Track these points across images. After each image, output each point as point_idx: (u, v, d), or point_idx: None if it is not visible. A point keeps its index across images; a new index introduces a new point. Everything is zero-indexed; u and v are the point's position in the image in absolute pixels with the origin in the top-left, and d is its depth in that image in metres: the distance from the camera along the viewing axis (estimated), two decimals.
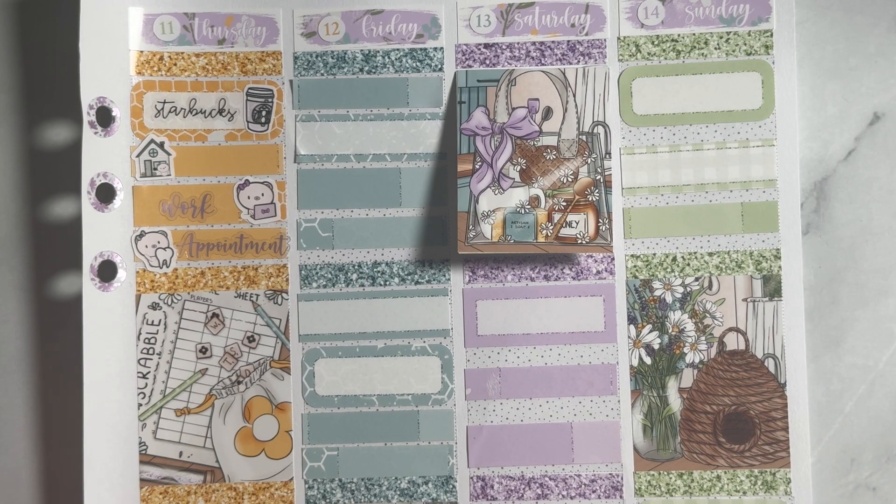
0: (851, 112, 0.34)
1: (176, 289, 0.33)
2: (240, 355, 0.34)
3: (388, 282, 0.34)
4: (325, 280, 0.34)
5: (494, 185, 0.33)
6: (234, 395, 0.33)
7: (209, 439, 0.33)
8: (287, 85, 0.34)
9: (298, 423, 0.34)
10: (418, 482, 0.34)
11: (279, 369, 0.34)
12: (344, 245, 0.34)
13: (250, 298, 0.34)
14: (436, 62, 0.34)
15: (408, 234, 0.34)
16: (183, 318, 0.33)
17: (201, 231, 0.34)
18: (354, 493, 0.33)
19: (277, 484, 0.33)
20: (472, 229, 0.33)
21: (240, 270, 0.34)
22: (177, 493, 0.33)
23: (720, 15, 0.34)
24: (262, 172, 0.34)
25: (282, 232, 0.34)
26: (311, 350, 0.34)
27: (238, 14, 0.34)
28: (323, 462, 0.33)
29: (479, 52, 0.34)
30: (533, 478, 0.34)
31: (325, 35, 0.34)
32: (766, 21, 0.34)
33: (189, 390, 0.33)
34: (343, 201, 0.34)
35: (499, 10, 0.34)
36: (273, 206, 0.34)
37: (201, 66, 0.33)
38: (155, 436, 0.33)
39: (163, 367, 0.33)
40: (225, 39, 0.34)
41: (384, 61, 0.34)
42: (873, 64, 0.34)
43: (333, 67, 0.34)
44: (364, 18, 0.34)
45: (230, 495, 0.33)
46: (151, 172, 0.33)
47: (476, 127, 0.34)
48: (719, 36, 0.34)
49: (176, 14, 0.33)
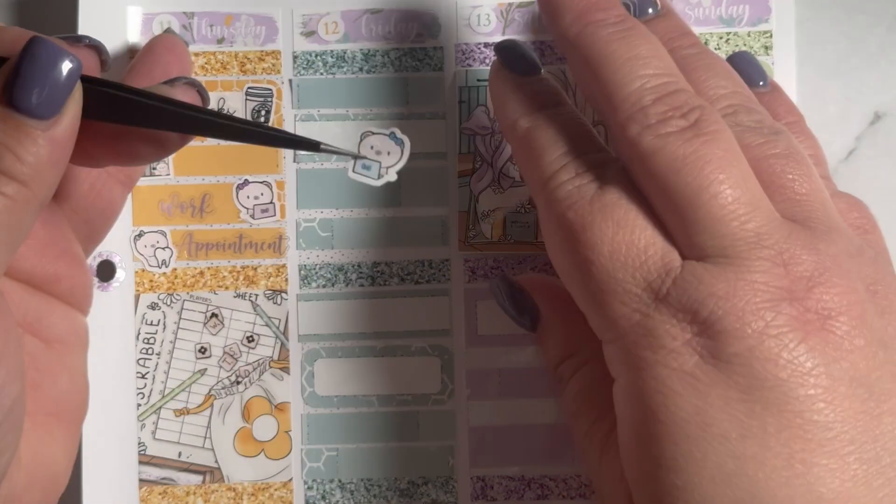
0: (852, 112, 0.35)
1: (175, 289, 0.34)
2: (239, 355, 0.34)
3: (388, 282, 0.34)
4: (324, 280, 0.34)
5: (494, 185, 0.34)
6: (234, 395, 0.34)
7: (208, 440, 0.34)
8: (286, 84, 0.34)
9: (298, 424, 0.34)
10: (418, 482, 0.34)
11: (278, 369, 0.34)
12: (343, 245, 0.34)
13: (249, 298, 0.34)
14: (436, 61, 0.34)
15: (408, 234, 0.34)
16: (182, 319, 0.34)
17: (200, 231, 0.34)
18: (354, 494, 0.34)
19: (277, 484, 0.34)
20: (471, 229, 0.34)
21: (239, 270, 0.34)
22: (176, 494, 0.34)
23: (720, 15, 0.34)
24: (261, 172, 0.34)
25: (281, 232, 0.34)
26: (311, 350, 0.34)
27: (237, 13, 0.34)
28: (322, 462, 0.34)
29: (479, 51, 0.34)
30: (533, 478, 0.34)
31: (325, 34, 0.34)
32: (765, 22, 0.34)
33: (188, 390, 0.34)
34: (343, 201, 0.34)
35: (499, 10, 0.34)
36: (272, 206, 0.34)
37: (200, 65, 0.34)
38: (154, 436, 0.34)
39: (162, 368, 0.34)
40: (224, 39, 0.34)
41: (384, 61, 0.34)
42: (874, 63, 0.35)
43: (333, 67, 0.34)
44: (363, 17, 0.34)
45: (229, 496, 0.34)
46: (150, 172, 0.34)
47: (476, 126, 0.34)
48: (719, 36, 0.34)
49: (175, 13, 0.34)
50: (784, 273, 0.24)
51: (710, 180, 0.25)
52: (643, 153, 0.26)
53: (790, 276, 0.24)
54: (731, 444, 0.23)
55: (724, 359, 0.24)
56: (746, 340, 0.24)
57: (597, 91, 0.28)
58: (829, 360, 0.24)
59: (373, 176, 0.34)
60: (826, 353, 0.24)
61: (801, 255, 0.25)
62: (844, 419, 0.23)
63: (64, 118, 0.24)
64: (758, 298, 0.24)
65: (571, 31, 0.29)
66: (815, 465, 0.23)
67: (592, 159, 0.28)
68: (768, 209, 0.26)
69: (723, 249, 0.25)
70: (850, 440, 0.23)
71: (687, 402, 0.24)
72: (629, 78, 0.27)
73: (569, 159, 0.28)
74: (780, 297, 0.24)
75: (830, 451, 0.23)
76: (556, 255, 0.28)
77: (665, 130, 0.26)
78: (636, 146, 0.26)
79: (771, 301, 0.24)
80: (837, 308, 0.24)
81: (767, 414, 0.23)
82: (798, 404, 0.23)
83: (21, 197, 0.23)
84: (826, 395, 0.23)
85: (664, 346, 0.25)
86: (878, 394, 0.24)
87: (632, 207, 0.26)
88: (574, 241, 0.27)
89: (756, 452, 0.23)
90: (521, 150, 0.29)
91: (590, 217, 0.26)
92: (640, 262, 0.26)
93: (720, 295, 0.24)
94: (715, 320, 0.24)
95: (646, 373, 0.25)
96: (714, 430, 0.24)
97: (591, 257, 0.26)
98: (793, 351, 0.24)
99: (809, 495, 0.23)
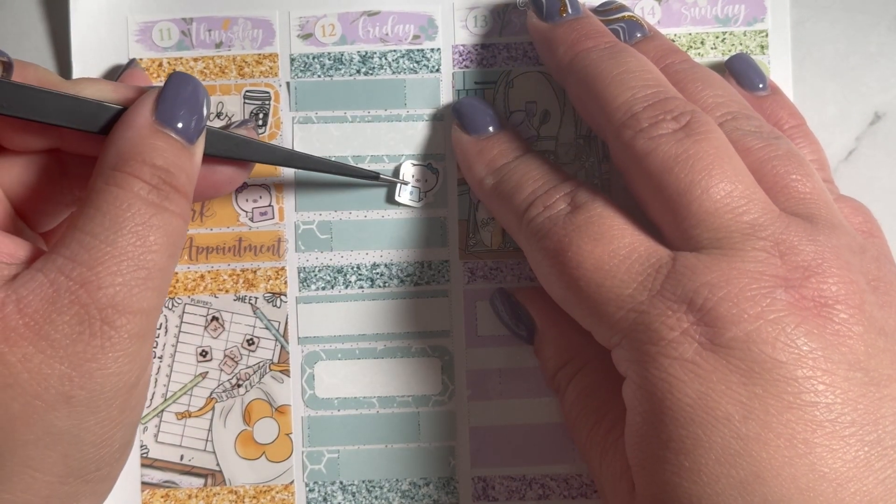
0: (852, 112, 0.35)
1: (176, 292, 0.34)
2: (239, 358, 0.35)
3: (388, 283, 0.35)
4: (323, 282, 0.35)
5: None
6: (235, 398, 0.34)
7: (210, 442, 0.34)
8: (284, 87, 0.35)
9: (298, 426, 0.35)
10: (419, 483, 0.34)
11: (279, 372, 0.35)
12: (342, 247, 0.35)
13: (249, 301, 0.35)
14: (433, 63, 0.35)
15: (407, 236, 0.35)
16: (183, 322, 0.34)
17: (201, 234, 0.35)
18: (356, 496, 0.34)
19: (278, 487, 0.34)
20: (472, 237, 0.34)
21: (239, 273, 0.35)
22: (178, 497, 0.34)
23: (716, 15, 0.35)
24: (259, 175, 0.35)
25: (280, 234, 0.35)
26: (311, 353, 0.35)
27: (235, 17, 0.35)
28: (323, 465, 0.34)
29: (476, 52, 0.35)
30: (534, 478, 0.34)
31: (322, 37, 0.35)
32: (761, 21, 0.35)
33: (190, 393, 0.34)
34: (342, 203, 0.35)
35: (495, 11, 0.35)
36: (271, 209, 0.35)
37: (199, 70, 0.34)
38: (156, 439, 0.34)
39: (164, 371, 0.34)
40: (222, 43, 0.35)
41: (381, 62, 0.35)
42: (874, 63, 0.35)
43: (330, 69, 0.35)
44: (360, 20, 0.35)
45: (231, 499, 0.34)
46: None
47: None
48: (715, 36, 0.35)
49: (174, 20, 0.34)
50: (780, 262, 0.25)
51: (702, 176, 0.26)
52: (637, 155, 0.27)
53: (787, 265, 0.25)
54: (735, 426, 0.24)
55: (722, 344, 0.25)
56: (743, 325, 0.25)
57: (592, 107, 0.30)
58: (826, 344, 0.25)
59: (414, 199, 0.35)
60: (824, 338, 0.25)
61: (800, 245, 0.26)
62: (844, 401, 0.24)
63: (201, 143, 0.28)
64: (754, 285, 0.25)
65: (565, 60, 0.31)
66: (816, 446, 0.24)
67: (559, 189, 0.30)
68: (765, 202, 0.27)
69: (717, 241, 0.26)
70: (851, 422, 0.24)
71: (690, 388, 0.25)
72: (620, 89, 0.29)
73: (536, 196, 0.30)
74: (775, 285, 0.25)
75: (832, 433, 0.24)
76: (548, 285, 0.29)
77: (657, 133, 0.27)
78: (630, 149, 0.28)
79: (767, 287, 0.25)
80: (835, 296, 0.25)
81: (768, 395, 0.24)
82: (797, 385, 0.24)
83: (187, 212, 0.27)
84: (825, 377, 0.24)
85: (663, 337, 0.26)
86: (878, 379, 0.25)
87: (605, 220, 0.28)
88: (559, 266, 0.28)
89: (759, 433, 0.24)
90: (493, 203, 0.32)
91: (566, 239, 0.28)
92: (626, 266, 0.27)
93: (714, 283, 0.25)
94: (710, 307, 0.25)
95: (650, 365, 0.26)
96: (718, 413, 0.25)
97: (577, 274, 0.27)
98: (790, 334, 0.24)
99: (812, 475, 0.24)
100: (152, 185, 0.26)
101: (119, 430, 0.27)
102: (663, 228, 0.28)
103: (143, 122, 0.27)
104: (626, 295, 0.27)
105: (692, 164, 0.27)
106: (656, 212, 0.28)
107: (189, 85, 0.28)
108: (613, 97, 0.29)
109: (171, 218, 0.26)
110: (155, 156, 0.26)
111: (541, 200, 0.30)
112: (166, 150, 0.26)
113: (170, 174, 0.26)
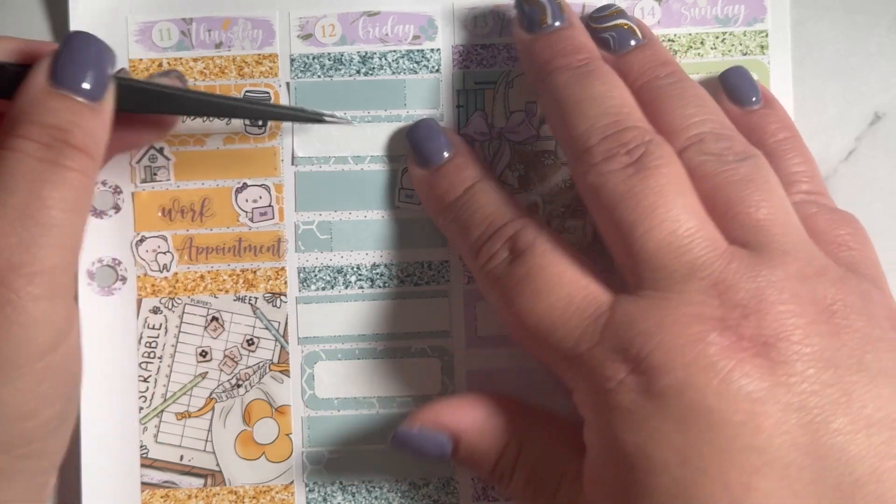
0: (852, 112, 0.35)
1: (176, 293, 0.35)
2: (239, 359, 0.35)
3: (388, 283, 0.35)
4: (323, 282, 0.35)
5: None
6: (234, 398, 0.35)
7: (209, 443, 0.35)
8: (284, 87, 0.35)
9: (298, 426, 0.35)
10: (419, 484, 0.35)
11: (278, 372, 0.35)
12: (342, 247, 0.35)
13: (249, 301, 0.35)
14: (433, 63, 0.35)
15: (407, 236, 0.35)
16: (183, 322, 0.35)
17: (200, 235, 0.35)
18: (356, 496, 0.35)
19: (278, 487, 0.35)
20: None
21: (238, 273, 0.35)
22: (178, 497, 0.34)
23: (716, 15, 0.35)
24: (259, 175, 0.35)
25: (280, 235, 0.35)
26: (311, 353, 0.35)
27: (235, 17, 0.35)
28: (324, 465, 0.35)
29: (475, 52, 0.35)
30: None
31: (322, 37, 0.35)
32: (761, 21, 0.35)
33: (189, 394, 0.35)
34: (341, 203, 0.35)
35: (495, 11, 0.35)
36: (271, 209, 0.35)
37: (199, 70, 0.35)
38: (156, 439, 0.34)
39: (164, 371, 0.35)
40: (222, 43, 0.35)
41: (381, 63, 0.35)
42: (874, 64, 0.35)
43: (330, 69, 0.35)
44: (360, 20, 0.35)
45: (231, 499, 0.34)
46: (151, 178, 0.35)
47: (474, 133, 0.35)
48: (715, 36, 0.35)
49: (174, 20, 0.35)
50: (718, 303, 0.26)
51: (645, 216, 0.27)
52: (589, 190, 0.28)
53: (724, 306, 0.25)
54: (673, 472, 0.25)
55: (656, 392, 0.25)
56: (675, 373, 0.25)
57: (558, 131, 0.30)
58: (766, 385, 0.25)
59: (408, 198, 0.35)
60: (763, 379, 0.25)
61: (739, 283, 0.26)
62: (780, 444, 0.24)
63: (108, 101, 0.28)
64: (687, 331, 0.25)
65: (539, 77, 0.31)
66: (753, 489, 0.24)
67: (502, 234, 0.30)
68: (710, 239, 0.27)
69: (657, 282, 0.26)
70: (788, 463, 0.24)
71: (628, 436, 0.26)
72: (580, 119, 0.29)
73: (482, 242, 0.31)
74: (710, 328, 0.25)
75: (767, 475, 0.24)
76: (506, 326, 0.30)
77: (608, 168, 0.28)
78: (583, 183, 0.29)
79: (702, 331, 0.25)
80: (776, 334, 0.25)
81: (702, 442, 0.25)
82: (731, 429, 0.24)
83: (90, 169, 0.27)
84: (762, 419, 0.24)
85: (604, 386, 0.26)
86: (822, 416, 0.24)
87: (543, 271, 0.28)
88: (508, 317, 0.29)
89: (695, 479, 0.24)
90: (451, 240, 0.33)
91: (510, 293, 0.29)
92: (564, 319, 0.28)
93: (649, 331, 0.26)
94: (644, 356, 0.26)
95: (598, 412, 0.27)
96: (655, 459, 0.25)
97: (527, 324, 0.28)
98: (724, 378, 0.25)
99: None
100: (42, 143, 0.26)
101: (44, 402, 0.26)
102: (616, 261, 0.28)
103: (37, 85, 0.27)
104: (569, 347, 0.27)
105: (637, 202, 0.27)
106: (610, 245, 0.28)
107: (87, 43, 0.28)
108: (573, 126, 0.29)
109: (68, 174, 0.26)
110: (47, 116, 0.26)
111: (486, 248, 0.30)
112: (61, 109, 0.26)
113: (65, 132, 0.26)
